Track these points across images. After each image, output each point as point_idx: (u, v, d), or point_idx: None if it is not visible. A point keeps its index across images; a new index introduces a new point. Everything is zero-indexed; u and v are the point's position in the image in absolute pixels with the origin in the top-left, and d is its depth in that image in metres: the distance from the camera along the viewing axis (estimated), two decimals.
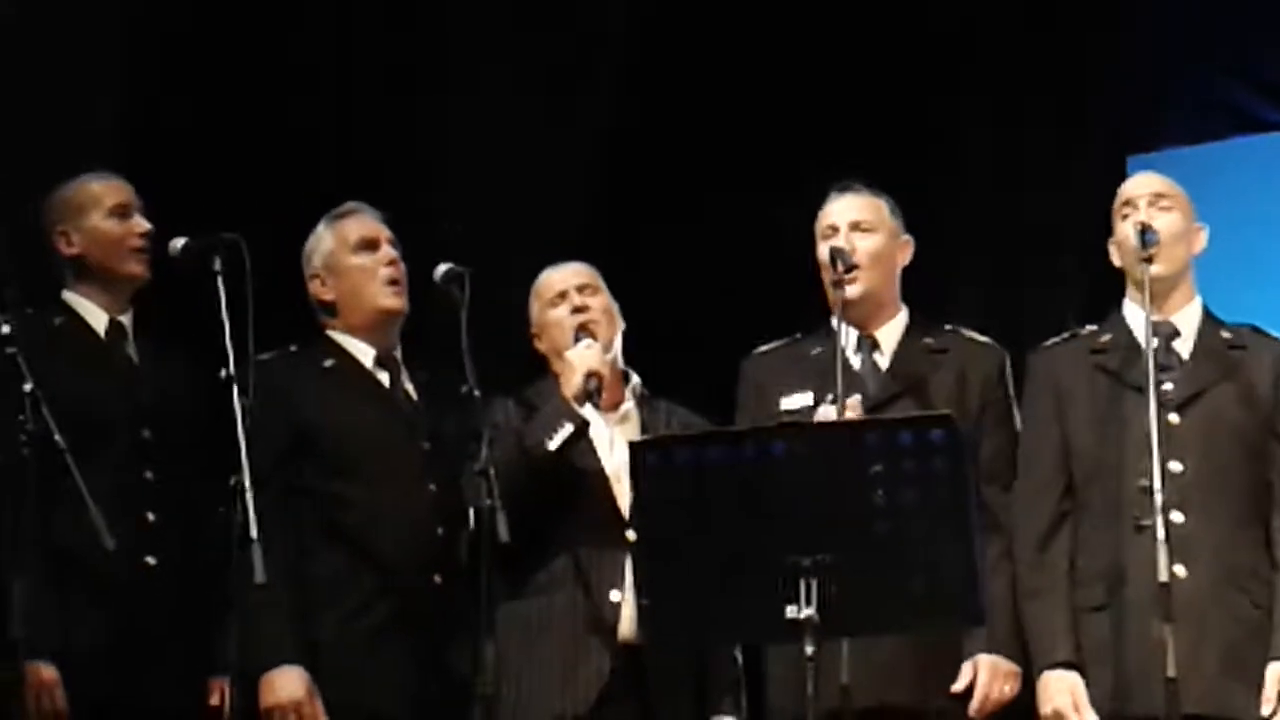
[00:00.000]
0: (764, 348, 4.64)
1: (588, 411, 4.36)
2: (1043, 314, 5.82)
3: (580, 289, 4.53)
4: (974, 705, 4.36)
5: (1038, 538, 4.36)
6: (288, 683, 4.27)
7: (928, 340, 4.54)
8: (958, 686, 4.36)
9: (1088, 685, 4.26)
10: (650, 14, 6.20)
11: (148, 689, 4.22)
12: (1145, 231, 4.28)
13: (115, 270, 4.43)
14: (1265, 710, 4.18)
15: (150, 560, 4.26)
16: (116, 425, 4.31)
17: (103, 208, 4.44)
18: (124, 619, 4.21)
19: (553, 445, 4.31)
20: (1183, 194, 4.44)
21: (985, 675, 4.35)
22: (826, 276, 4.47)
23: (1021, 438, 4.45)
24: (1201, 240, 4.45)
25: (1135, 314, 4.38)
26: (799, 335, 4.61)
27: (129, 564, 4.19)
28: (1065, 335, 4.54)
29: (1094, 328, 4.50)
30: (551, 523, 4.35)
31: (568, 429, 4.32)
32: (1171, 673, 3.96)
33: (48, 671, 4.09)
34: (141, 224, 4.44)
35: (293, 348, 4.51)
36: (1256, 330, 4.44)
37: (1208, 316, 4.44)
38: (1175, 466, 4.22)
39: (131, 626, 4.21)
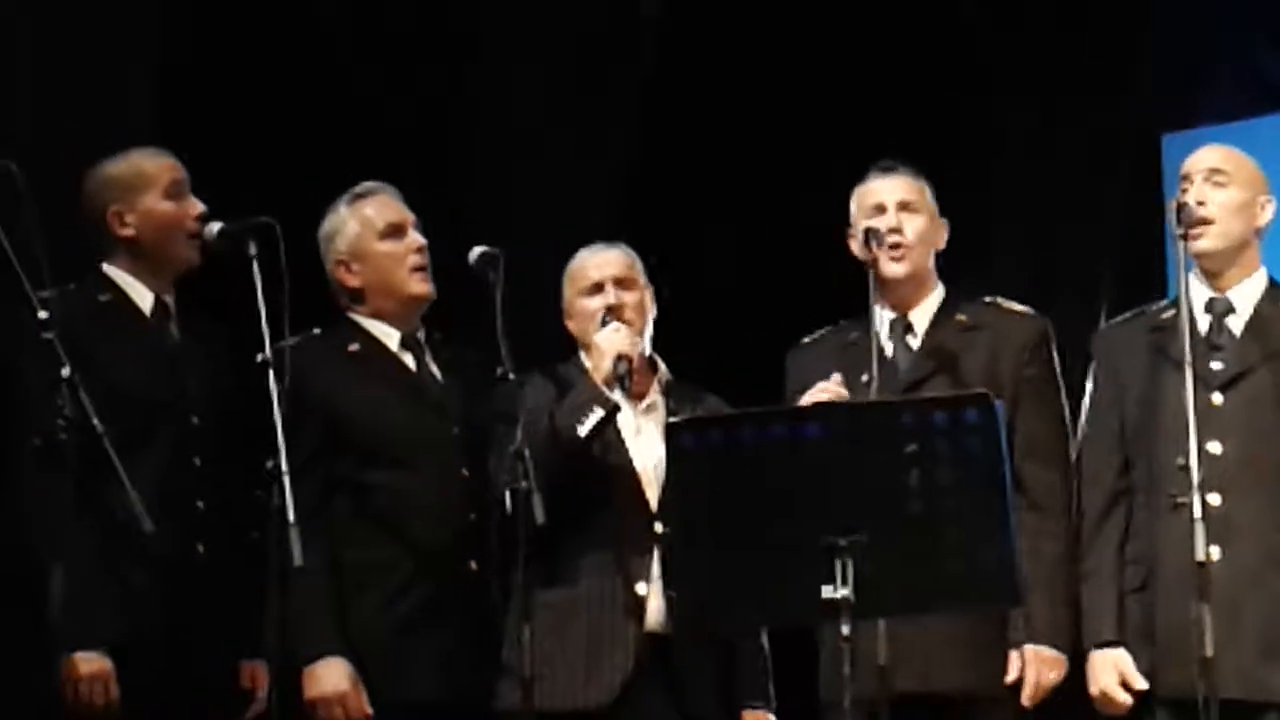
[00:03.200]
0: (808, 338, 4.62)
1: (617, 397, 4.34)
2: (1079, 292, 5.82)
3: (617, 282, 4.48)
4: (1025, 697, 4.34)
5: (1094, 520, 4.35)
6: (332, 674, 4.26)
7: (961, 317, 4.50)
8: (1009, 679, 4.35)
9: None
10: (687, 1, 6.20)
11: (197, 676, 4.22)
12: (1181, 209, 4.24)
13: (170, 254, 4.36)
14: None
15: (200, 548, 4.25)
16: (166, 410, 4.27)
17: (158, 187, 4.35)
18: (176, 607, 4.19)
19: (583, 431, 4.30)
20: (1248, 165, 4.37)
21: (1033, 667, 4.34)
22: (864, 256, 4.45)
23: (1084, 418, 4.43)
24: (1270, 213, 4.37)
25: (1196, 289, 4.33)
26: (842, 323, 4.58)
27: (181, 552, 4.18)
28: (1132, 312, 4.52)
29: (1163, 303, 4.47)
30: (575, 512, 4.32)
31: (598, 414, 4.30)
32: (1209, 652, 3.94)
33: (99, 663, 4.08)
34: (196, 205, 4.34)
35: (316, 331, 4.47)
36: None
37: (1271, 290, 4.37)
38: (1214, 448, 4.19)
39: (183, 614, 4.19)
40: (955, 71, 6.13)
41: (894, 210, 4.48)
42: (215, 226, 4.22)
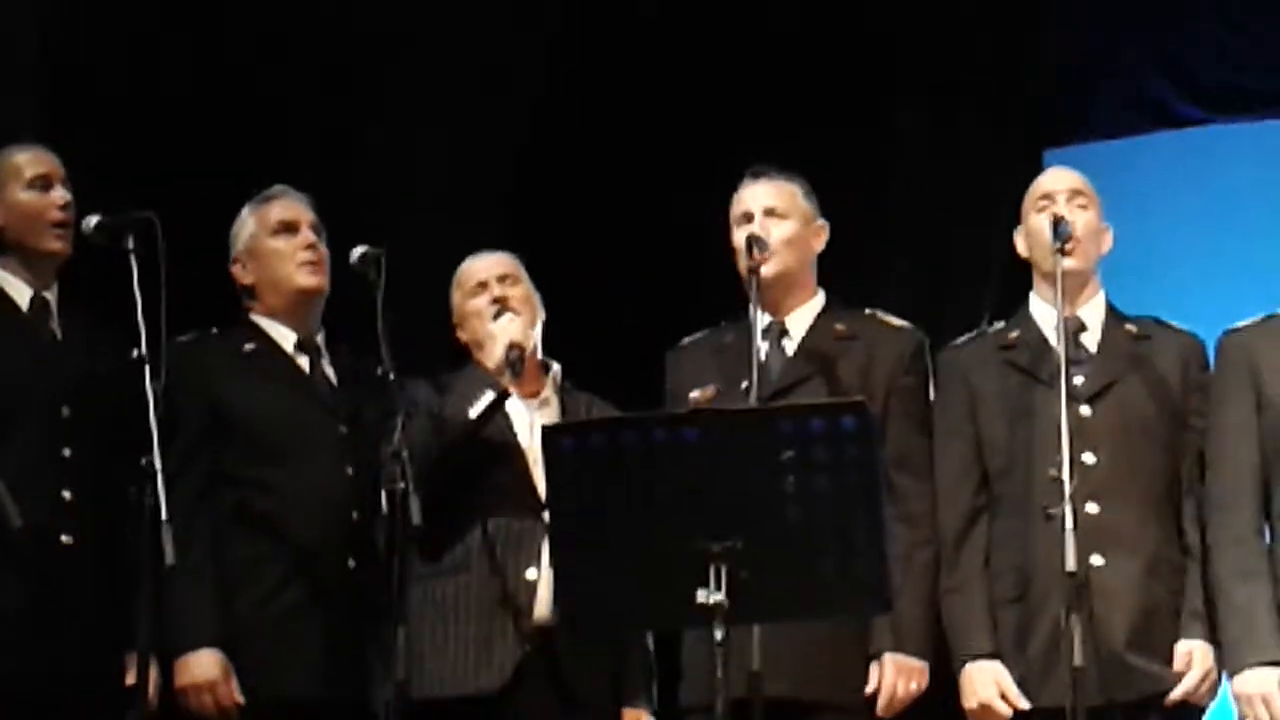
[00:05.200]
0: (687, 340, 4.65)
1: (510, 392, 4.37)
2: (965, 305, 5.87)
3: (501, 279, 4.54)
4: (880, 705, 4.36)
5: (954, 534, 4.40)
6: (203, 664, 4.28)
7: (839, 326, 4.54)
8: (869, 689, 4.37)
9: None
10: (579, 4, 6.20)
11: (64, 666, 4.19)
12: (1059, 223, 4.30)
13: (33, 245, 4.36)
14: (1178, 691, 4.23)
15: (66, 538, 4.22)
16: (35, 402, 4.26)
17: (22, 179, 4.36)
18: (39, 596, 4.17)
19: (474, 413, 4.33)
20: (1095, 193, 4.48)
21: (890, 674, 4.36)
22: (741, 263, 4.48)
23: (935, 436, 4.47)
24: (1109, 240, 4.50)
25: (1041, 309, 4.43)
26: (722, 323, 4.62)
27: (45, 541, 4.16)
28: (973, 334, 4.58)
29: (1001, 325, 4.53)
30: (468, 501, 4.36)
31: (489, 396, 4.34)
32: (1079, 662, 3.98)
33: None
34: (62, 196, 4.35)
35: (214, 330, 4.52)
36: (1159, 322, 4.48)
37: (1111, 310, 4.48)
38: (1088, 458, 4.26)
39: (47, 604, 4.17)
40: (850, 79, 6.17)
41: (760, 216, 4.49)
42: (93, 220, 4.21)
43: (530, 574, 4.37)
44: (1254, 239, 5.88)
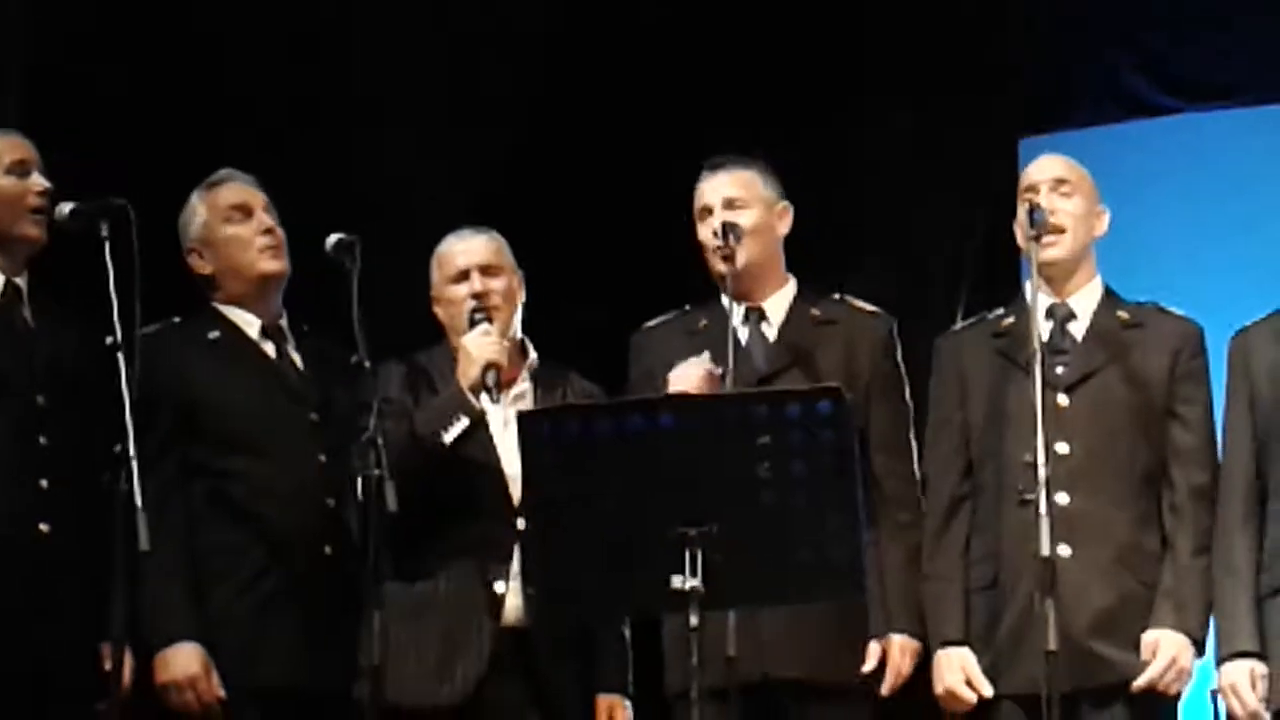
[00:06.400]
0: (653, 322, 4.64)
1: (484, 414, 4.34)
2: (941, 294, 5.88)
3: (484, 270, 4.48)
4: (887, 685, 4.39)
5: (937, 521, 4.41)
6: (183, 659, 4.26)
7: (815, 311, 4.55)
8: (868, 667, 4.38)
9: None
10: None
11: (42, 655, 4.16)
12: (1034, 211, 4.31)
13: (10, 231, 4.31)
14: (1142, 679, 4.23)
15: (44, 527, 4.18)
16: (10, 391, 4.23)
17: (1, 164, 4.31)
18: (17, 585, 4.14)
19: (448, 439, 4.29)
20: (1086, 177, 4.48)
21: (896, 654, 4.39)
22: (711, 254, 4.47)
23: (929, 423, 4.49)
24: (1103, 224, 4.48)
25: (1038, 296, 4.38)
26: (688, 307, 4.61)
27: (23, 530, 4.14)
28: (973, 320, 4.59)
29: (1000, 311, 4.53)
30: (438, 509, 4.32)
31: (463, 423, 4.30)
32: (1052, 646, 3.99)
33: None
34: (39, 182, 4.30)
35: (176, 320, 4.48)
36: (1159, 309, 4.47)
37: (1108, 297, 4.47)
38: (1062, 448, 4.26)
39: (25, 593, 4.14)
40: (826, 69, 6.18)
41: (720, 209, 4.49)
42: (67, 206, 4.17)
43: (499, 586, 4.33)
44: (1230, 227, 5.91)
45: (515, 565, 4.31)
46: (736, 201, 4.50)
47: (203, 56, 5.76)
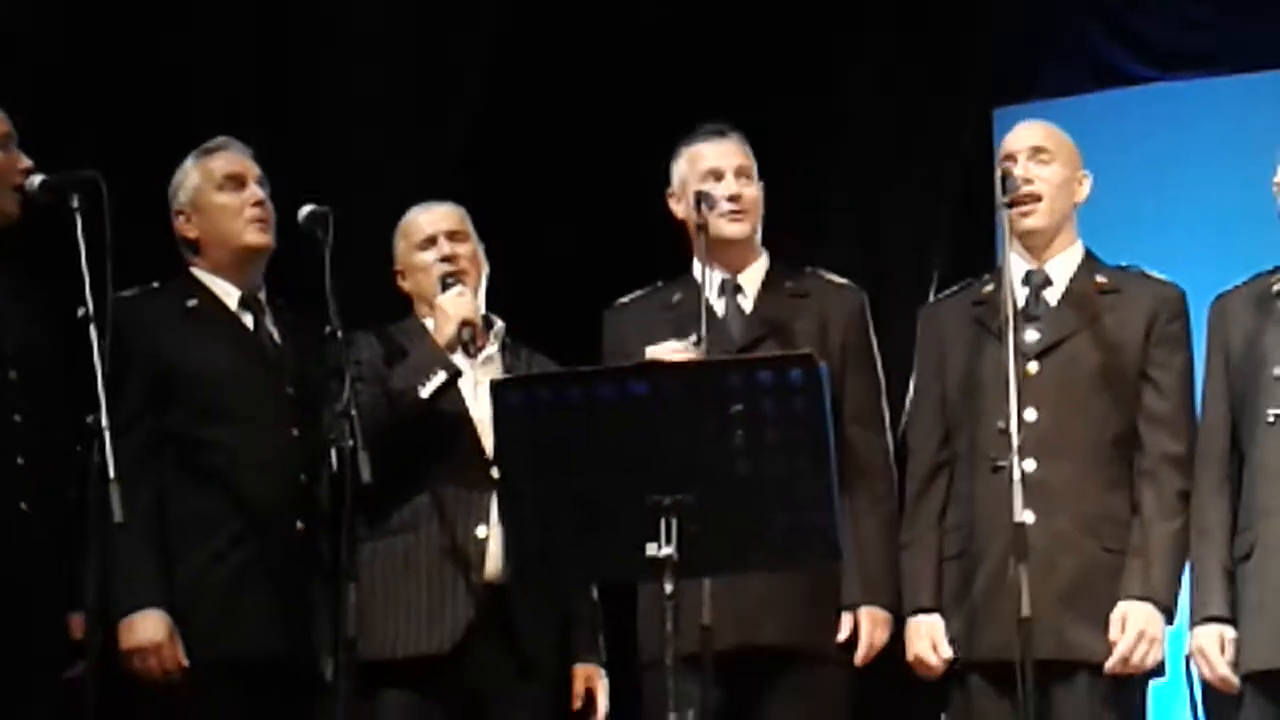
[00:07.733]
0: (625, 299, 4.65)
1: (459, 359, 4.37)
2: (914, 264, 5.89)
3: (450, 235, 4.53)
4: (860, 656, 4.41)
5: (914, 490, 4.44)
6: (148, 626, 4.26)
7: (789, 283, 4.56)
8: (840, 638, 4.41)
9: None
10: None
11: (21, 632, 4.13)
12: (1005, 179, 4.31)
13: None
14: (1112, 659, 4.24)
15: (23, 505, 4.16)
16: None
17: None
18: (3, 563, 4.10)
19: (425, 393, 4.33)
20: (1067, 143, 4.47)
21: (867, 625, 4.41)
22: (719, 217, 4.46)
23: (911, 392, 4.50)
24: (1084, 190, 4.47)
25: (1016, 262, 4.40)
26: (660, 284, 4.62)
27: (3, 509, 4.10)
28: (956, 288, 4.60)
29: (985, 277, 4.53)
30: (415, 463, 4.36)
31: (441, 377, 4.34)
32: (1026, 612, 4.00)
33: None
34: (22, 159, 4.24)
35: (155, 285, 4.47)
36: (1142, 273, 4.46)
37: (1087, 262, 4.46)
38: (1030, 415, 4.25)
39: (8, 571, 4.11)
40: (799, 40, 6.17)
41: (732, 176, 4.50)
42: (37, 179, 4.15)
43: (480, 531, 4.37)
44: (1203, 195, 5.91)
45: (494, 512, 4.33)
46: (746, 170, 4.54)
47: (181, 29, 5.72)
